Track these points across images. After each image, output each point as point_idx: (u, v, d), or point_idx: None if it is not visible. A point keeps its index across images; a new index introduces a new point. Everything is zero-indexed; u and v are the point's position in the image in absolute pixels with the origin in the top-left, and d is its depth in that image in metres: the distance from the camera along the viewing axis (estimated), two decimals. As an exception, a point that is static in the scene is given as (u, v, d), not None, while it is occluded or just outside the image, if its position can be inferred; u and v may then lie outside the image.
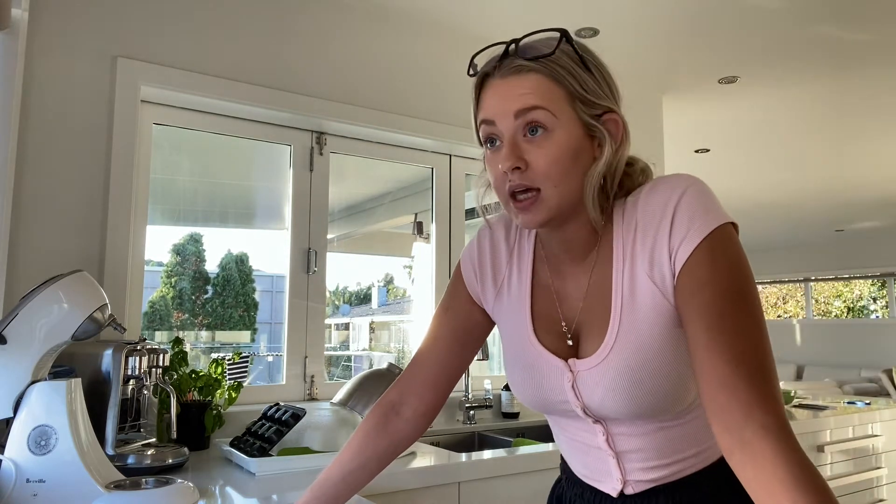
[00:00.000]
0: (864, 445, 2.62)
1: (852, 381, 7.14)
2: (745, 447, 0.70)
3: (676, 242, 0.81)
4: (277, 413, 1.77)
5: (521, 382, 0.96)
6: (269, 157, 2.48)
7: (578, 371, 0.90)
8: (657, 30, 2.67)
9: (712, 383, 0.74)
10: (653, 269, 0.84)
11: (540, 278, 0.98)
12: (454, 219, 2.68)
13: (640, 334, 0.85)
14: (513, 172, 0.84)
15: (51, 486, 1.18)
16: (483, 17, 2.54)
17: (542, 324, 0.95)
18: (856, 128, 4.02)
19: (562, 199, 0.85)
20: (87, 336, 1.30)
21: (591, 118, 0.85)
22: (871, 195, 5.99)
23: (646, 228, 0.85)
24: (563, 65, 0.84)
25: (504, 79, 0.86)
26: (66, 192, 1.85)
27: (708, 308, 0.77)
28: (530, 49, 0.86)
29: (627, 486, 0.93)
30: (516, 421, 2.52)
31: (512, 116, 0.84)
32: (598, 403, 0.89)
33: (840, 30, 2.68)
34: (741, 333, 0.75)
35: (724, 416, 0.72)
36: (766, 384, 0.73)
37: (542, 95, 0.83)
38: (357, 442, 1.03)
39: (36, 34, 1.83)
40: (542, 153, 0.83)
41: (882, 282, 9.69)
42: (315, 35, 2.33)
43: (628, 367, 0.85)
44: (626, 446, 0.92)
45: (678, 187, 0.84)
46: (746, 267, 0.80)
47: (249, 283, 3.81)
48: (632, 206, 0.88)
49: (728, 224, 0.81)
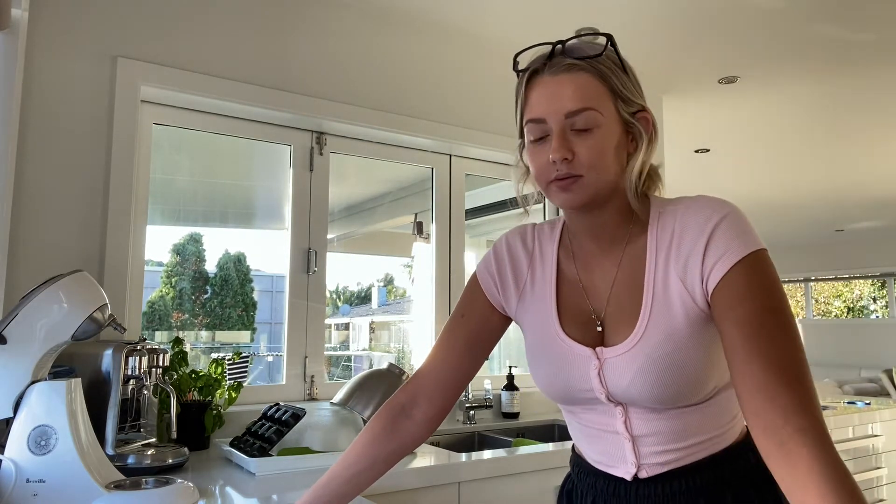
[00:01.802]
0: (864, 445, 2.63)
1: (852, 381, 7.14)
2: (782, 448, 0.74)
3: (711, 261, 0.87)
4: (277, 413, 1.77)
5: (546, 374, 1.01)
6: (269, 157, 2.48)
7: (606, 358, 0.94)
8: (657, 30, 2.67)
9: (751, 389, 0.78)
10: (685, 274, 0.90)
11: (566, 274, 1.04)
12: (454, 219, 2.68)
13: (671, 325, 0.90)
14: (562, 163, 0.90)
15: (51, 486, 1.18)
16: (483, 17, 2.54)
17: (569, 316, 1.00)
18: (856, 128, 4.02)
19: (599, 186, 0.92)
20: (87, 336, 1.30)
21: (629, 115, 0.93)
22: (871, 195, 5.99)
23: (682, 238, 0.91)
24: (607, 66, 0.92)
25: (555, 76, 0.92)
26: (67, 191, 1.85)
27: (746, 320, 0.82)
28: (577, 49, 0.92)
29: (642, 470, 0.97)
30: (516, 421, 2.52)
31: (563, 115, 0.90)
32: (625, 389, 0.93)
33: (840, 29, 2.68)
34: (778, 343, 0.80)
35: (763, 420, 0.76)
36: (804, 390, 0.77)
37: (591, 95, 0.90)
38: (364, 442, 1.05)
39: (36, 34, 1.83)
40: (588, 146, 0.90)
41: (882, 282, 9.69)
42: (315, 35, 2.33)
43: (658, 354, 0.90)
44: (642, 430, 0.96)
45: (720, 210, 0.90)
46: (781, 287, 0.86)
47: (248, 282, 3.81)
48: (671, 212, 0.95)
49: (763, 250, 0.87)
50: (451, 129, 2.58)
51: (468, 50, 2.68)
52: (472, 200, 2.82)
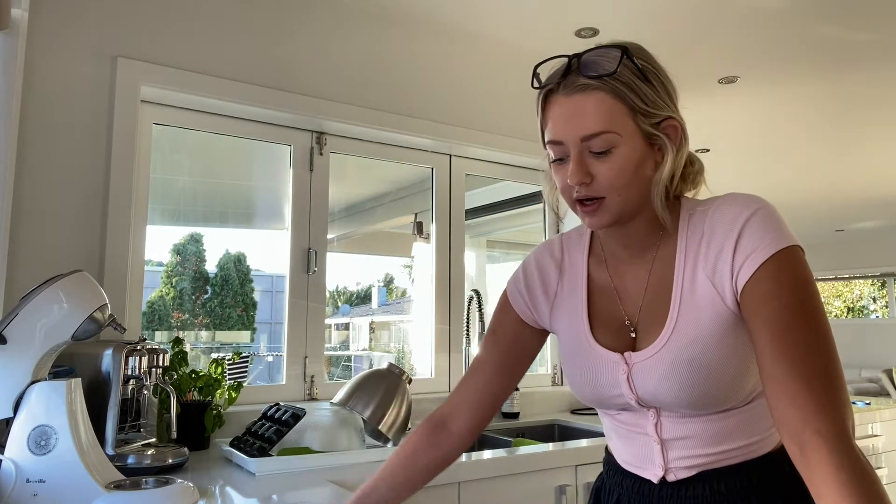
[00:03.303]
0: (864, 445, 2.62)
1: (852, 381, 7.14)
2: (803, 451, 0.74)
3: (741, 258, 0.86)
4: (277, 413, 1.77)
5: (579, 381, 1.01)
6: (269, 157, 2.48)
7: (634, 363, 0.94)
8: (657, 30, 2.67)
9: (777, 393, 0.78)
10: (714, 274, 0.89)
11: (597, 282, 1.04)
12: (454, 219, 2.68)
13: (698, 327, 0.89)
14: (580, 186, 0.89)
15: (51, 486, 1.18)
16: (483, 17, 2.54)
17: (602, 322, 1.01)
18: (856, 128, 4.02)
19: (624, 205, 0.91)
20: (87, 336, 1.30)
21: (652, 127, 0.90)
22: (871, 195, 5.99)
23: (712, 237, 0.90)
24: (624, 81, 0.88)
25: (569, 97, 0.89)
26: (67, 191, 1.85)
27: (774, 320, 0.81)
28: (592, 65, 0.89)
29: (669, 474, 0.96)
30: (516, 421, 2.52)
31: (579, 140, 0.88)
32: (652, 392, 0.93)
33: (840, 29, 2.68)
34: (804, 343, 0.79)
35: (788, 425, 0.76)
36: (827, 391, 0.76)
37: (606, 117, 0.88)
38: (407, 452, 1.07)
39: (36, 34, 1.83)
40: (607, 167, 0.88)
41: (882, 282, 9.69)
42: (315, 35, 2.33)
43: (683, 357, 0.89)
44: (673, 434, 0.95)
45: (750, 206, 0.89)
46: (813, 286, 0.84)
47: (248, 282, 3.82)
48: (701, 213, 0.93)
49: (795, 246, 0.85)
50: (451, 129, 2.58)
51: (468, 50, 2.68)
52: (472, 200, 2.82)
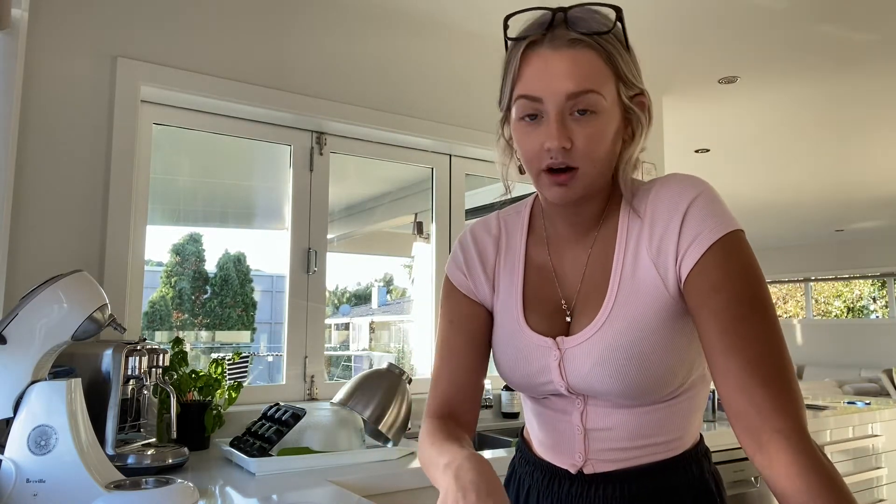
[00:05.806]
0: (864, 445, 2.62)
1: (852, 381, 7.14)
2: (762, 450, 0.72)
3: (685, 244, 0.82)
4: (277, 413, 1.77)
5: (509, 366, 0.96)
6: (269, 157, 2.49)
7: (566, 349, 0.89)
8: (657, 30, 2.67)
9: (730, 387, 0.75)
10: (658, 256, 0.84)
11: (536, 261, 0.97)
12: (454, 219, 2.68)
13: (635, 312, 0.85)
14: (558, 151, 0.82)
15: (51, 486, 1.18)
16: (483, 17, 2.54)
17: (536, 305, 0.94)
18: (856, 128, 4.02)
19: (594, 178, 0.86)
20: (87, 336, 1.30)
21: (629, 100, 0.85)
22: (871, 195, 5.99)
23: (654, 219, 0.86)
24: (613, 44, 0.83)
25: (556, 51, 0.82)
26: (66, 192, 1.85)
27: (723, 312, 0.77)
28: (582, 22, 0.82)
29: (587, 465, 0.92)
30: (516, 421, 2.52)
31: (564, 97, 0.81)
32: (583, 379, 0.87)
33: (840, 29, 2.68)
34: (757, 337, 0.76)
35: (743, 420, 0.74)
36: (783, 387, 0.73)
37: (595, 76, 0.81)
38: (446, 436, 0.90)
39: (36, 34, 1.83)
40: (588, 133, 0.82)
41: (882, 282, 9.69)
42: (315, 35, 2.33)
43: (619, 343, 0.84)
44: (597, 424, 0.91)
45: (692, 189, 0.85)
46: (758, 271, 0.80)
47: (248, 282, 3.81)
48: (643, 193, 0.89)
49: (739, 230, 0.82)
50: (451, 129, 2.58)
51: (468, 50, 2.68)
52: (472, 200, 2.82)
